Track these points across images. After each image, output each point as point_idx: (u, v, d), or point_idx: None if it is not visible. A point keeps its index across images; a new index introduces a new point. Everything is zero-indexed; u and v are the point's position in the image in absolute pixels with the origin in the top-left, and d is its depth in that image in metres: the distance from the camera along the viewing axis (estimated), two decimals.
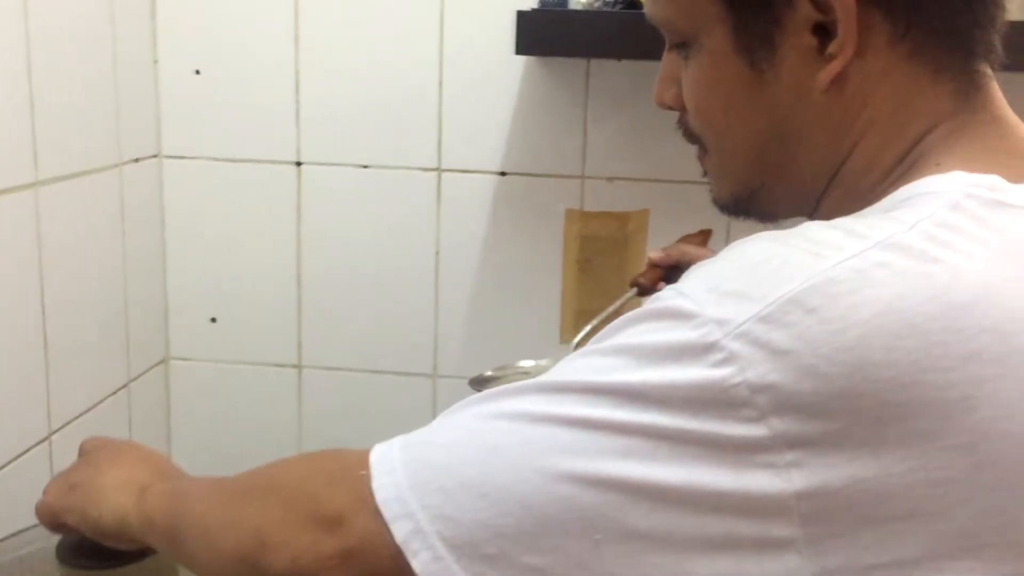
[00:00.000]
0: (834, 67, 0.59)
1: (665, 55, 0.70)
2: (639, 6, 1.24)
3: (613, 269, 1.47)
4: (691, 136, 0.70)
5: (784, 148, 0.64)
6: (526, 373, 1.10)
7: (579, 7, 1.24)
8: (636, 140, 1.42)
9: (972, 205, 0.54)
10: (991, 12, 0.60)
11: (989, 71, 0.62)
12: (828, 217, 0.60)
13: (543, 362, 1.12)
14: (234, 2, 1.44)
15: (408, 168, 1.46)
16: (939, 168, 0.58)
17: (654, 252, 1.07)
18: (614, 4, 1.24)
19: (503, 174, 1.46)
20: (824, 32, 0.59)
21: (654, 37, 1.18)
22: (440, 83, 1.43)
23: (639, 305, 0.97)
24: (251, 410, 1.56)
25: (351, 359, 1.53)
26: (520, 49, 1.18)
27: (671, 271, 1.07)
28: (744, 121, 0.64)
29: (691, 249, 1.08)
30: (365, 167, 1.47)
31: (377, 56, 1.43)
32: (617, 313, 1.04)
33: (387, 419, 1.53)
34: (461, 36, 1.41)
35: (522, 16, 1.18)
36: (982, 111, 0.61)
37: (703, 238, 1.14)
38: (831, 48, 0.59)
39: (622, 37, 1.19)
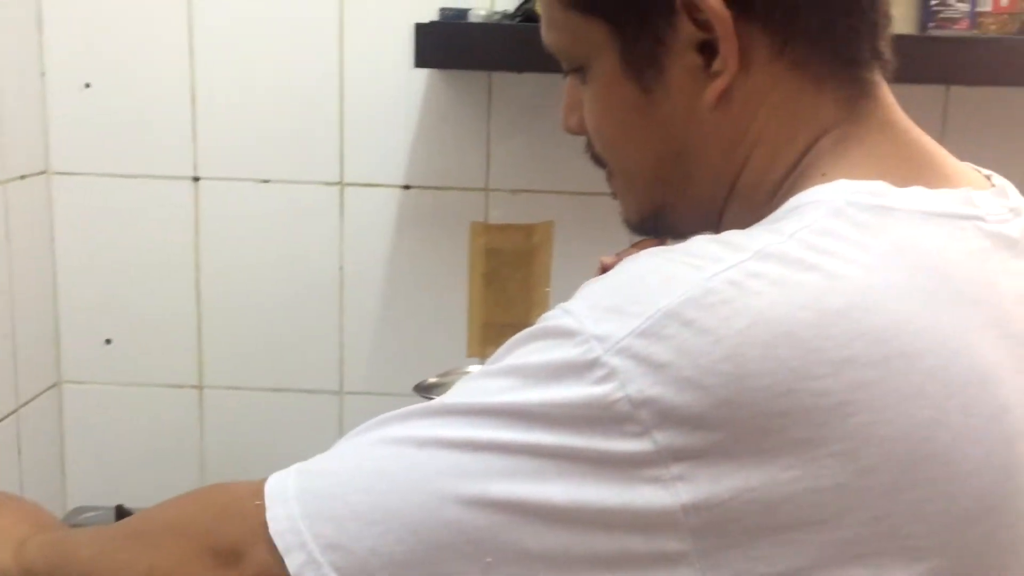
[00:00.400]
0: (719, 84, 0.59)
1: (567, 84, 0.70)
2: (537, 19, 1.25)
3: (519, 281, 1.48)
4: (597, 159, 0.70)
5: (680, 166, 0.64)
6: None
7: (479, 20, 1.24)
8: (540, 152, 1.43)
9: (853, 212, 0.54)
10: (871, 19, 0.60)
11: (878, 78, 0.62)
12: (728, 230, 0.60)
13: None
14: (125, 13, 1.40)
15: (310, 182, 1.44)
16: (824, 178, 0.58)
17: (607, 257, 1.06)
18: (513, 17, 1.24)
19: (407, 187, 1.45)
20: (709, 50, 0.59)
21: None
22: (341, 96, 1.42)
23: None
24: (150, 434, 1.51)
25: (254, 378, 1.50)
26: (419, 62, 1.18)
27: None
28: (639, 142, 0.64)
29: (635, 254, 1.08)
30: (265, 181, 1.44)
31: (276, 68, 1.41)
32: None
33: (293, 438, 1.50)
34: (361, 49, 1.40)
35: (420, 29, 1.18)
36: (870, 118, 0.61)
37: (660, 243, 1.13)
38: (715, 66, 0.59)
39: (522, 50, 1.19)
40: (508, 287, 1.48)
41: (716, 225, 0.66)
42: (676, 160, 0.63)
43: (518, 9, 1.25)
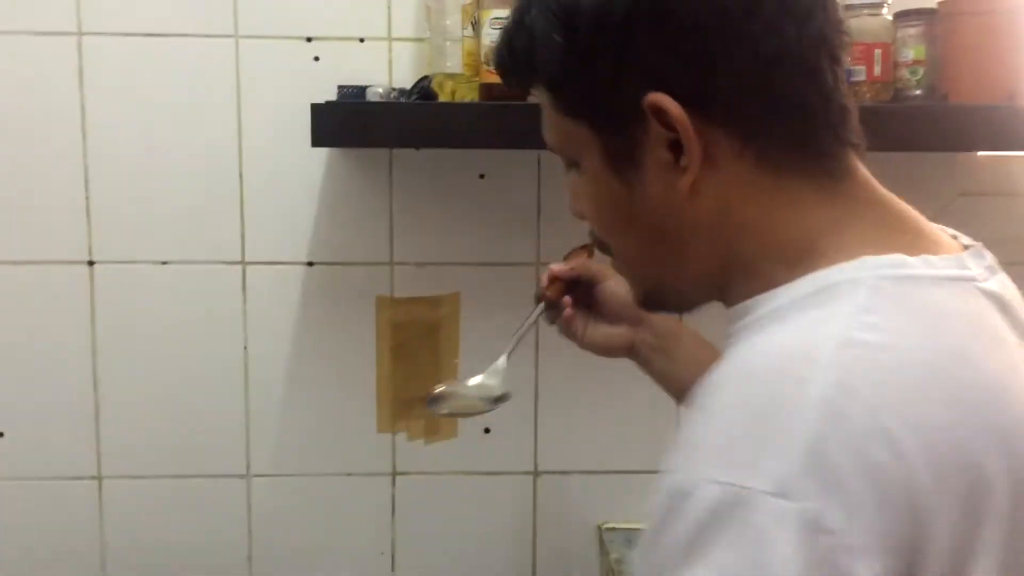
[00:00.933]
0: (687, 179, 0.65)
1: (566, 175, 0.76)
2: (434, 96, 1.27)
3: (428, 353, 1.47)
4: (601, 244, 0.76)
5: (670, 248, 0.70)
6: (472, 388, 1.10)
7: (376, 98, 1.25)
8: (443, 225, 1.44)
9: (888, 286, 0.61)
10: (828, 115, 0.66)
11: (852, 160, 0.68)
12: (737, 300, 0.68)
13: (488, 380, 1.11)
14: (15, 90, 1.37)
15: (210, 262, 1.42)
16: (837, 257, 0.64)
17: (556, 265, 1.06)
18: (410, 95, 1.26)
19: (310, 264, 1.44)
20: (678, 147, 0.65)
21: (450, 127, 1.22)
22: (240, 175, 1.41)
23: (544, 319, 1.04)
24: (47, 528, 1.44)
25: (157, 465, 1.45)
26: (316, 141, 1.18)
27: (572, 284, 1.06)
28: (628, 229, 0.71)
29: (591, 264, 1.07)
30: (164, 263, 1.42)
31: (173, 147, 1.40)
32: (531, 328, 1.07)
33: (199, 526, 1.45)
34: (260, 128, 1.40)
35: (316, 109, 1.18)
36: (856, 198, 0.67)
37: (588, 252, 1.11)
38: (682, 162, 0.65)
39: (418, 127, 1.21)
40: (417, 360, 1.47)
41: (720, 295, 0.72)
42: (664, 243, 0.70)
43: (414, 87, 1.27)
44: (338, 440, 1.47)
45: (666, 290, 0.74)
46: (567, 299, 1.05)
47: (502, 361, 1.07)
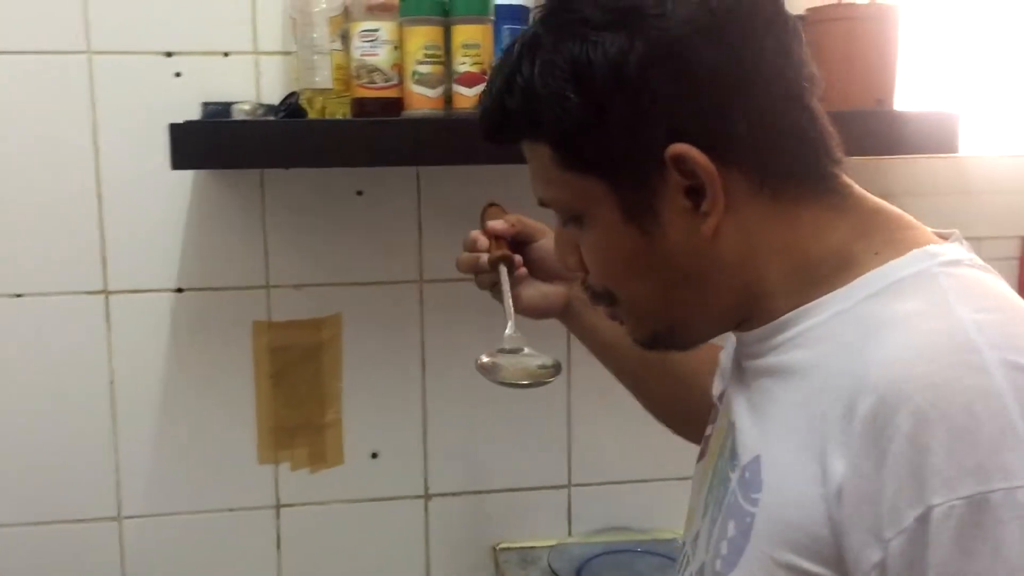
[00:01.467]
0: (711, 223, 0.68)
1: (558, 227, 0.77)
2: (303, 113, 1.22)
3: (309, 378, 1.42)
4: (597, 294, 0.76)
5: (690, 289, 0.71)
6: (517, 358, 0.99)
7: (241, 116, 1.19)
8: (321, 245, 1.39)
9: (952, 271, 0.66)
10: (818, 138, 0.70)
11: (845, 178, 0.72)
12: (766, 319, 0.70)
13: (518, 345, 0.99)
14: None
15: (69, 293, 1.33)
16: (879, 257, 0.67)
17: (498, 223, 1.01)
18: (277, 112, 1.20)
19: (180, 291, 1.36)
20: (695, 193, 0.67)
21: (322, 145, 1.17)
22: (99, 199, 1.32)
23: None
24: None
25: (19, 512, 1.35)
26: (176, 164, 1.11)
27: (513, 242, 1.01)
28: (646, 276, 0.72)
29: (527, 220, 1.02)
30: (18, 296, 1.32)
31: (24, 172, 1.30)
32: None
33: (67, 574, 1.36)
34: (119, 149, 1.32)
35: (176, 129, 1.11)
36: (860, 208, 0.71)
37: (501, 210, 1.05)
38: (704, 207, 0.67)
39: (288, 146, 1.15)
40: (298, 386, 1.42)
41: (736, 325, 0.74)
42: (686, 284, 0.71)
43: (282, 103, 1.21)
44: (217, 474, 1.40)
45: (681, 330, 0.75)
46: (518, 257, 1.00)
47: (512, 327, 0.98)
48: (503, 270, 0.99)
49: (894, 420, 0.59)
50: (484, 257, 1.00)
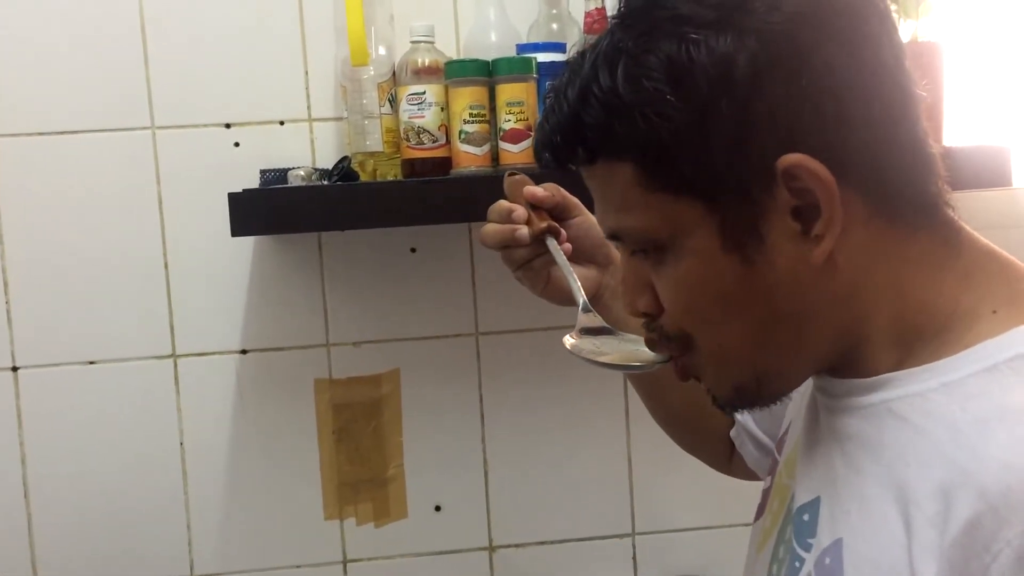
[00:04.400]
0: (826, 247, 0.59)
1: (627, 262, 0.68)
2: (355, 176, 1.26)
3: (371, 433, 1.44)
4: (669, 338, 0.66)
5: (787, 329, 0.62)
6: (607, 341, 0.84)
7: (298, 181, 1.24)
8: (378, 302, 1.42)
9: None
10: (930, 157, 0.62)
11: (952, 210, 0.64)
12: (865, 371, 0.62)
13: (597, 322, 0.85)
14: None
15: (139, 359, 1.38)
16: (997, 316, 0.59)
17: (538, 189, 0.87)
18: (331, 176, 1.24)
19: (244, 352, 1.40)
20: (803, 215, 0.59)
21: (375, 207, 1.20)
22: (166, 267, 1.37)
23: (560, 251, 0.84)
24: None
25: (96, 572, 1.39)
26: (236, 231, 1.15)
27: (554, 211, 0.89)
28: (741, 313, 0.62)
29: (562, 190, 0.90)
30: (91, 363, 1.37)
31: (93, 245, 1.36)
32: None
33: None
34: (183, 218, 1.37)
35: (234, 199, 1.16)
36: (973, 248, 0.63)
37: (526, 178, 0.91)
38: (816, 229, 0.59)
39: (341, 209, 1.19)
40: (361, 441, 1.44)
41: (827, 371, 0.65)
42: (783, 325, 0.62)
43: (335, 168, 1.25)
44: (284, 531, 1.42)
45: (770, 378, 0.65)
46: (564, 232, 0.87)
47: (585, 304, 0.85)
48: (552, 243, 0.86)
49: (1003, 534, 0.51)
50: (523, 229, 0.85)
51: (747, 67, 0.57)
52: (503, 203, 0.88)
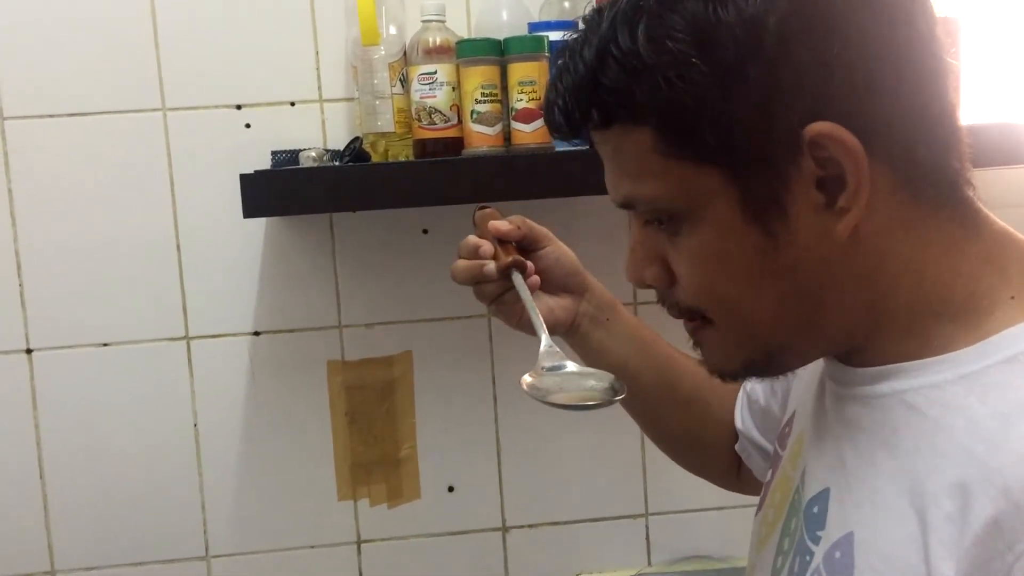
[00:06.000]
0: (851, 219, 0.57)
1: (638, 232, 0.65)
2: (366, 157, 1.25)
3: (383, 415, 1.44)
4: (683, 310, 0.64)
5: (807, 304, 0.60)
6: (563, 376, 0.84)
7: (310, 162, 1.23)
8: (390, 284, 1.41)
9: None
10: (957, 132, 0.60)
11: (972, 189, 0.62)
12: (881, 358, 0.60)
13: (556, 362, 0.85)
14: None
15: (153, 340, 1.38)
16: (1005, 315, 0.57)
17: (502, 224, 0.87)
18: (342, 157, 1.24)
19: (257, 334, 1.40)
20: (827, 187, 0.57)
21: (386, 187, 1.20)
22: (178, 248, 1.37)
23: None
24: None
25: (112, 554, 1.40)
26: (248, 212, 1.15)
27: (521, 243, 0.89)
28: (761, 287, 0.60)
29: (531, 222, 0.90)
30: (104, 345, 1.38)
31: (106, 227, 1.36)
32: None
33: None
34: (195, 200, 1.37)
35: (246, 180, 1.16)
36: (990, 228, 0.61)
37: (496, 212, 0.93)
38: (842, 202, 0.57)
39: (352, 190, 1.18)
40: (373, 423, 1.44)
41: (843, 354, 0.64)
42: (804, 300, 0.60)
43: (346, 149, 1.25)
44: (298, 512, 1.43)
45: (783, 354, 0.63)
46: (530, 264, 0.86)
47: (547, 341, 0.85)
48: (518, 277, 0.85)
49: None
50: (491, 265, 0.85)
51: (776, 30, 0.54)
52: (471, 239, 0.87)
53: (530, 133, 1.23)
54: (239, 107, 1.37)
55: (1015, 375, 0.55)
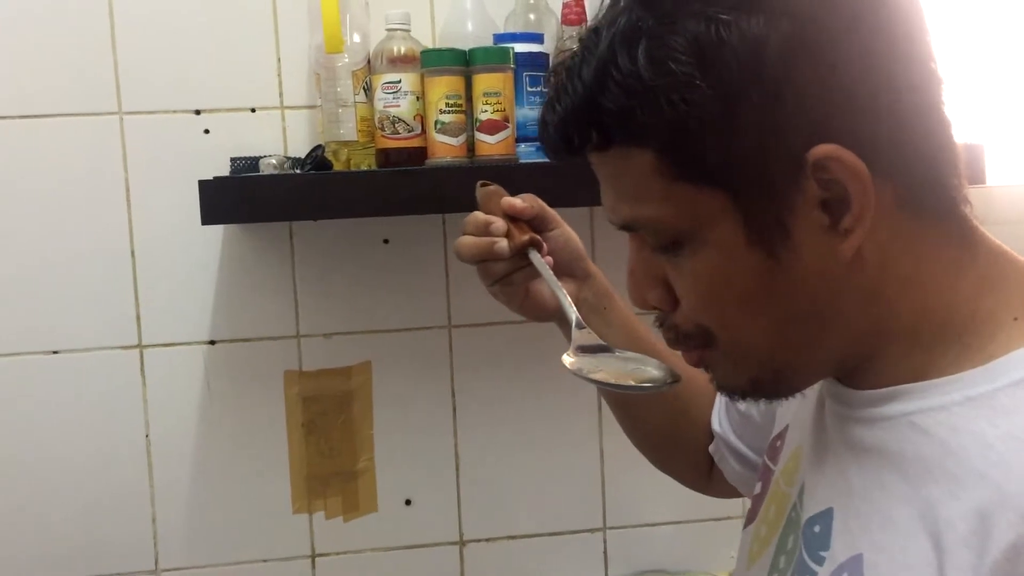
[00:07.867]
0: (855, 239, 0.57)
1: (637, 255, 0.64)
2: (328, 165, 1.24)
3: (341, 426, 1.42)
4: (685, 335, 0.64)
5: (810, 326, 0.60)
6: (605, 360, 0.80)
7: (270, 169, 1.21)
8: (349, 294, 1.40)
9: None
10: (955, 150, 0.60)
11: (968, 206, 0.62)
12: (882, 379, 0.60)
13: (594, 341, 0.81)
14: None
15: (104, 348, 1.35)
16: (1009, 340, 0.57)
17: (517, 200, 0.84)
18: (304, 165, 1.22)
19: (212, 343, 1.38)
20: (830, 208, 0.57)
21: (348, 197, 1.18)
22: (132, 255, 1.35)
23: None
24: None
25: (60, 568, 1.36)
26: (206, 219, 1.13)
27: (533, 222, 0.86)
28: (764, 309, 0.60)
29: (540, 201, 0.88)
30: (54, 352, 1.34)
31: (59, 232, 1.33)
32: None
33: None
34: (151, 206, 1.34)
35: (204, 186, 1.14)
36: (985, 245, 0.61)
37: (499, 190, 0.89)
38: (845, 223, 0.57)
39: (313, 198, 1.17)
40: (331, 434, 1.42)
41: (842, 373, 0.64)
42: (806, 321, 0.60)
43: (307, 157, 1.23)
44: (252, 524, 1.40)
45: (787, 374, 0.63)
46: (546, 245, 0.84)
47: (579, 321, 0.81)
48: (536, 256, 0.83)
49: None
50: (502, 242, 0.83)
51: (779, 51, 0.54)
52: (480, 215, 0.85)
53: (494, 144, 1.22)
54: (198, 112, 1.35)
55: None
